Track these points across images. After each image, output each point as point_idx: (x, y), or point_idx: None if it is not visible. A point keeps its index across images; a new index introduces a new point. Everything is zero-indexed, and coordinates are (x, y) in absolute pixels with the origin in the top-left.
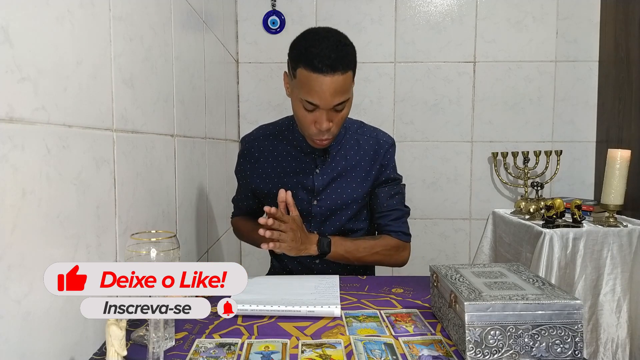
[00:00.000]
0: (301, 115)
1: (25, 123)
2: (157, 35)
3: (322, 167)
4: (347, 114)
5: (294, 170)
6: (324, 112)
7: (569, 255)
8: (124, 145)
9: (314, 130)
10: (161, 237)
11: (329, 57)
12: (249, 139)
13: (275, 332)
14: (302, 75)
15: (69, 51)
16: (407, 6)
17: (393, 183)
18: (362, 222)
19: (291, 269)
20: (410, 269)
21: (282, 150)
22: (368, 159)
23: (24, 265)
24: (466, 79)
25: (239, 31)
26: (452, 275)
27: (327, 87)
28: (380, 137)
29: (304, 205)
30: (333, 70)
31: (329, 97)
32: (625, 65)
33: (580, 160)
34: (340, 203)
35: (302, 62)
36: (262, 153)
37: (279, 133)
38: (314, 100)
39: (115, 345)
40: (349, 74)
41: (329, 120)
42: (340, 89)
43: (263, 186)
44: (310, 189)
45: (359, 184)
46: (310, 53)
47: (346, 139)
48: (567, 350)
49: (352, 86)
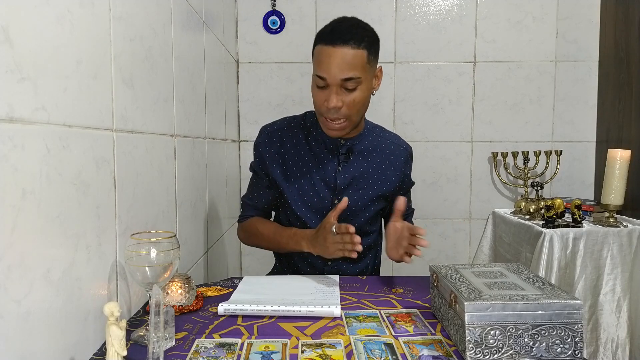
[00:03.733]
0: (314, 95)
1: (25, 123)
2: (157, 35)
3: (344, 165)
4: (361, 99)
5: (317, 166)
6: (333, 88)
7: (569, 255)
8: (124, 145)
9: (324, 108)
10: (161, 237)
11: (341, 30)
12: (270, 129)
13: (275, 332)
14: (317, 51)
15: (69, 51)
16: (407, 6)
17: (409, 189)
18: (376, 225)
19: (299, 269)
20: (410, 269)
21: (306, 145)
22: (389, 163)
23: (24, 265)
24: (466, 79)
25: (239, 31)
26: (452, 275)
27: (334, 58)
28: (401, 143)
29: (325, 203)
30: (343, 43)
31: (335, 69)
32: (625, 65)
33: (580, 160)
34: (361, 204)
35: (319, 38)
36: (284, 144)
37: (304, 127)
38: (322, 73)
39: (115, 345)
40: (362, 52)
41: (339, 99)
42: (349, 63)
43: (284, 178)
44: (332, 187)
45: (380, 186)
46: (326, 29)
47: (369, 140)
48: (567, 350)
49: (367, 69)
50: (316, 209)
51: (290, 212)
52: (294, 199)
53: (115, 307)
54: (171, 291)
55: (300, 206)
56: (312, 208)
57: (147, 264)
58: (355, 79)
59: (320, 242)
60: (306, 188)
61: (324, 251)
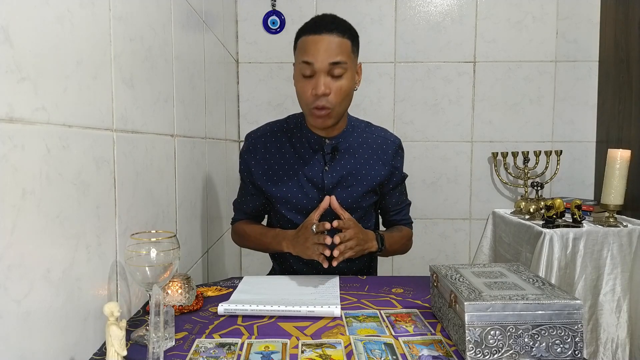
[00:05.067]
0: (300, 87)
1: (25, 123)
2: (157, 35)
3: (331, 164)
4: (347, 88)
5: (303, 167)
6: (320, 75)
7: (569, 255)
8: (124, 145)
9: (311, 98)
10: (161, 237)
11: (325, 22)
12: (254, 136)
13: (275, 332)
14: (302, 41)
15: (69, 51)
16: (407, 6)
17: (402, 182)
18: (370, 221)
19: (296, 270)
20: (410, 269)
21: (290, 147)
22: (376, 158)
23: (24, 265)
24: (466, 79)
25: (239, 31)
26: (452, 275)
27: (321, 44)
28: (388, 136)
29: (314, 204)
30: (328, 31)
31: (323, 54)
32: (625, 65)
33: (580, 160)
34: (351, 201)
35: (302, 31)
36: (268, 150)
37: (287, 130)
38: (309, 58)
39: (115, 345)
40: (347, 41)
41: (326, 86)
42: (335, 49)
43: (271, 184)
44: (320, 187)
45: (369, 181)
46: (309, 23)
47: (354, 137)
48: (567, 350)
49: (352, 58)
50: (306, 211)
51: (280, 216)
52: (283, 203)
53: (115, 307)
54: (171, 291)
55: (290, 209)
56: (301, 210)
57: (147, 264)
58: (342, 63)
59: (300, 242)
60: (294, 190)
61: (302, 252)
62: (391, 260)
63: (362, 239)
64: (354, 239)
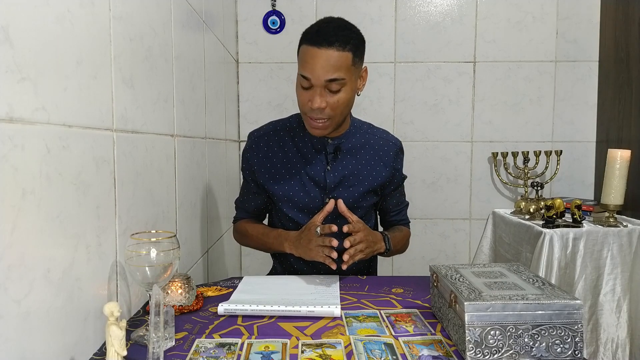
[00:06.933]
0: (298, 94)
1: (25, 123)
2: (157, 35)
3: (333, 164)
4: (345, 101)
5: (305, 167)
6: (317, 89)
7: (569, 255)
8: (124, 145)
9: (308, 108)
10: (161, 237)
11: (327, 32)
12: (257, 134)
13: (275, 332)
14: (302, 50)
15: (68, 51)
16: (407, 6)
17: (402, 183)
18: (370, 222)
19: (297, 269)
20: (410, 269)
21: (293, 146)
22: (378, 159)
23: (24, 265)
24: (466, 79)
25: (239, 31)
26: (452, 275)
27: (319, 59)
28: (390, 138)
29: (316, 203)
30: (328, 44)
31: (319, 70)
32: (625, 65)
33: (580, 160)
34: (352, 201)
35: (304, 39)
36: (271, 148)
37: (290, 129)
38: (307, 73)
39: (115, 345)
40: (347, 55)
41: (323, 100)
42: (333, 64)
43: (273, 182)
44: (322, 186)
45: (370, 182)
46: (312, 29)
47: (357, 138)
48: (567, 350)
49: (352, 70)
50: (308, 209)
51: (282, 214)
52: (285, 201)
53: (115, 307)
54: (171, 291)
55: (292, 207)
56: (303, 208)
57: (147, 264)
58: (339, 80)
59: (303, 244)
60: (296, 189)
61: (305, 253)
62: (391, 260)
63: (372, 240)
64: (364, 241)
